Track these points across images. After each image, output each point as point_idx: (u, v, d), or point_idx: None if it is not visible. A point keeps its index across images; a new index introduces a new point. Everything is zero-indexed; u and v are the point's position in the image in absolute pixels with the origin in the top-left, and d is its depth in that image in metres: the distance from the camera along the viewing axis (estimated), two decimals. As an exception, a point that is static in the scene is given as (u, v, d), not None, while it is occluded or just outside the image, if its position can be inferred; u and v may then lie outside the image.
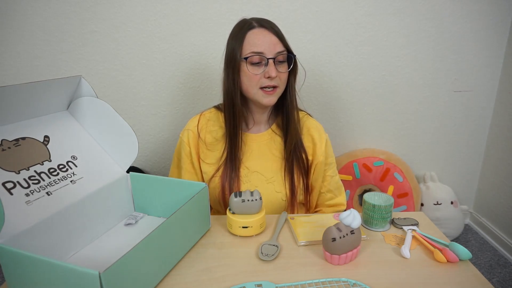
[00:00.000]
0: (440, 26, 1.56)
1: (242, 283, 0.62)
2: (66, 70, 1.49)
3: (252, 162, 0.95)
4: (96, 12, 1.43)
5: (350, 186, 1.70)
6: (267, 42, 0.85)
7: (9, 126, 0.68)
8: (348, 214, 0.66)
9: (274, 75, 0.85)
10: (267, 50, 0.85)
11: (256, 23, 0.87)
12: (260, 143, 0.96)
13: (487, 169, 1.80)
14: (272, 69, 0.85)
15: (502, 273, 1.55)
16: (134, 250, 0.54)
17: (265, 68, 0.86)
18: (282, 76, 0.89)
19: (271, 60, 0.85)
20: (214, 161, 0.96)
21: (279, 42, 0.87)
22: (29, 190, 0.64)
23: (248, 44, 0.86)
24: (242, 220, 0.76)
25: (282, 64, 0.89)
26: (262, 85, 0.87)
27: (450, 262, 0.68)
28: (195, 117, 1.00)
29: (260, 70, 0.86)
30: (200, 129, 0.98)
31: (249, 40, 0.86)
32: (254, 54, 0.85)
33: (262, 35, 0.86)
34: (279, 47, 0.87)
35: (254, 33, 0.86)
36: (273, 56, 0.85)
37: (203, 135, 0.97)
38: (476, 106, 1.72)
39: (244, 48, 0.86)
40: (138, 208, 0.87)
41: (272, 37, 0.86)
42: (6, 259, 0.55)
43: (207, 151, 0.96)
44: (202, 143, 0.97)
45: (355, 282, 0.62)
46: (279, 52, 0.86)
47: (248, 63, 0.86)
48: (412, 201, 1.66)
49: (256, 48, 0.85)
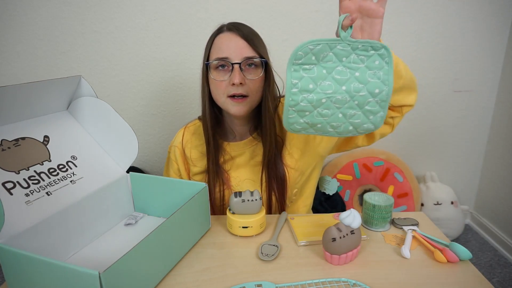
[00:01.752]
0: (440, 26, 1.56)
1: (242, 283, 0.62)
2: (66, 70, 1.49)
3: (241, 171, 0.92)
4: (96, 12, 1.43)
5: (350, 186, 1.70)
6: (232, 47, 0.80)
7: (9, 126, 0.68)
8: (348, 214, 0.66)
9: (238, 81, 0.78)
10: (232, 55, 0.79)
11: (226, 28, 0.83)
12: (244, 150, 0.92)
13: (487, 169, 1.80)
14: (236, 75, 0.78)
15: (502, 273, 1.55)
16: (134, 250, 0.54)
17: (231, 73, 0.80)
18: (253, 84, 0.81)
19: (236, 65, 0.79)
20: (201, 175, 0.94)
21: (248, 47, 0.80)
22: (29, 190, 0.64)
23: (214, 49, 0.82)
24: (242, 220, 0.76)
25: (252, 70, 0.82)
26: (229, 93, 0.81)
27: (450, 262, 0.68)
28: (180, 131, 0.97)
29: (225, 76, 0.81)
30: (185, 144, 0.95)
31: (215, 45, 0.82)
32: (217, 60, 0.80)
33: (228, 39, 0.81)
34: (247, 51, 0.80)
35: (220, 37, 0.82)
36: (239, 61, 0.79)
37: (188, 151, 0.95)
38: (476, 106, 1.72)
39: (211, 53, 0.82)
40: (138, 208, 0.87)
41: (240, 41, 0.80)
42: (6, 259, 0.55)
43: (193, 167, 0.95)
44: (188, 159, 0.95)
45: (355, 282, 0.62)
46: (247, 57, 0.80)
47: (212, 68, 0.81)
48: (412, 201, 1.66)
49: (220, 53, 0.80)
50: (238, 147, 0.92)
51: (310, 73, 0.62)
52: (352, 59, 0.62)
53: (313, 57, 0.62)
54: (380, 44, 0.62)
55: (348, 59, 0.62)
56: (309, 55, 0.61)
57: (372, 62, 0.62)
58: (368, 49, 0.62)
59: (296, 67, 0.62)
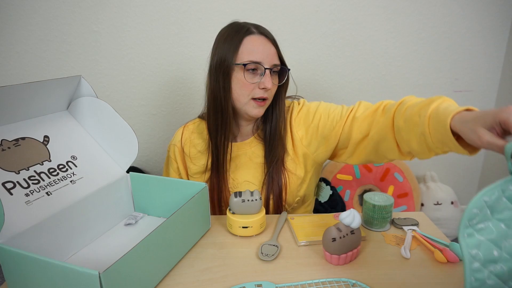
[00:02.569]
0: (440, 26, 1.56)
1: (242, 283, 0.62)
2: (66, 70, 1.49)
3: (240, 172, 0.91)
4: (96, 12, 1.43)
5: (350, 186, 1.70)
6: (266, 52, 0.81)
7: (9, 126, 0.68)
8: (348, 214, 0.66)
9: (270, 86, 0.81)
10: (265, 60, 0.81)
11: (255, 29, 0.82)
12: (245, 151, 0.92)
13: (487, 169, 1.80)
14: (269, 80, 0.81)
15: (502, 273, 1.55)
16: (134, 250, 0.54)
17: (261, 78, 0.82)
18: (274, 88, 0.86)
19: (268, 70, 0.81)
20: (200, 175, 0.94)
21: (276, 54, 0.84)
22: (29, 190, 0.64)
23: (247, 51, 0.80)
24: (242, 220, 0.76)
25: (275, 76, 0.86)
26: (254, 95, 0.82)
27: (450, 262, 0.68)
28: (180, 130, 0.98)
29: (255, 79, 0.82)
30: (184, 143, 0.95)
31: (247, 47, 0.81)
32: (251, 63, 0.80)
33: (262, 43, 0.82)
34: (276, 59, 0.84)
35: (252, 39, 0.81)
36: (270, 67, 0.82)
37: (187, 149, 0.95)
38: (476, 106, 1.70)
39: (241, 54, 0.81)
40: (138, 208, 0.87)
41: (271, 47, 0.83)
42: (6, 259, 0.55)
43: (192, 165, 0.94)
44: (187, 157, 0.95)
45: (355, 282, 0.62)
46: (275, 64, 0.83)
47: (246, 70, 0.81)
48: (412, 201, 1.66)
49: (255, 57, 0.80)
50: (240, 148, 0.92)
51: (487, 234, 0.46)
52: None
53: (488, 212, 0.47)
54: None
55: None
56: (484, 209, 0.46)
57: None
58: None
59: (470, 230, 0.47)
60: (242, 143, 0.93)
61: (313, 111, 0.88)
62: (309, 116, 0.88)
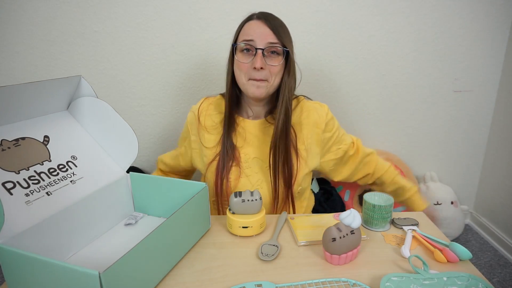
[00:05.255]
0: (440, 26, 1.56)
1: (242, 283, 0.62)
2: (66, 70, 1.49)
3: (250, 148, 0.95)
4: (96, 12, 1.43)
5: (350, 186, 1.70)
6: (258, 33, 0.86)
7: (9, 126, 0.68)
8: (348, 214, 0.66)
9: (259, 66, 0.84)
10: (257, 39, 0.85)
11: (256, 16, 0.89)
12: (256, 130, 0.96)
13: (487, 169, 1.80)
14: (258, 59, 0.85)
15: (502, 273, 1.55)
16: (134, 250, 0.54)
17: (254, 58, 0.86)
18: (273, 69, 0.87)
19: (260, 50, 0.85)
20: (214, 145, 0.96)
21: (272, 34, 0.86)
22: (29, 190, 0.64)
23: (242, 34, 0.88)
24: (242, 220, 0.76)
25: (274, 57, 0.88)
26: (250, 76, 0.87)
27: (450, 262, 0.68)
28: (201, 100, 1.03)
29: (248, 59, 0.87)
30: (201, 112, 1.00)
31: (244, 30, 0.88)
32: (243, 42, 0.86)
33: (256, 26, 0.87)
34: (271, 38, 0.86)
35: (249, 24, 0.88)
36: (263, 47, 0.85)
37: (202, 118, 0.99)
38: (476, 106, 1.72)
39: (239, 37, 0.89)
40: (138, 208, 0.87)
41: (266, 29, 0.86)
42: (6, 259, 0.55)
43: (207, 134, 0.97)
44: (201, 127, 0.98)
45: (355, 282, 0.62)
46: (270, 42, 0.85)
47: (238, 51, 0.88)
48: (412, 201, 1.66)
49: (246, 36, 0.87)
50: (252, 125, 0.96)
51: None
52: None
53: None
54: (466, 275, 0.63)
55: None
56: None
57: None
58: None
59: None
60: (255, 122, 0.97)
61: (336, 127, 1.01)
62: (331, 127, 0.99)
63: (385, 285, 0.59)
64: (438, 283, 0.60)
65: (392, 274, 0.62)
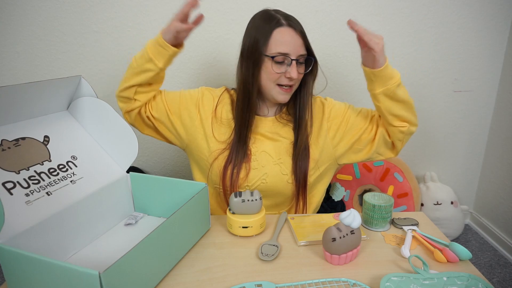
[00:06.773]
0: (440, 26, 1.56)
1: (242, 283, 0.62)
2: (66, 70, 1.49)
3: (259, 143, 0.95)
4: (96, 12, 1.43)
5: (350, 186, 1.70)
6: (293, 44, 0.86)
7: (9, 126, 0.68)
8: (348, 214, 0.66)
9: (295, 76, 0.87)
10: (292, 51, 0.86)
11: (285, 21, 0.86)
12: (267, 125, 0.96)
13: (487, 169, 1.80)
14: (294, 70, 0.86)
15: (502, 273, 1.55)
16: (134, 250, 0.54)
17: (287, 68, 0.87)
18: (300, 76, 0.91)
19: (294, 61, 0.86)
20: (224, 139, 0.95)
21: (303, 45, 0.88)
22: (29, 190, 0.64)
23: (275, 43, 0.85)
24: (242, 220, 0.76)
25: (301, 65, 0.90)
26: (280, 82, 0.89)
27: (450, 262, 0.68)
28: (221, 88, 1.01)
29: (282, 69, 0.87)
30: (220, 101, 0.98)
31: (277, 38, 0.85)
32: (279, 55, 0.85)
33: (289, 35, 0.86)
34: (302, 49, 0.88)
35: (281, 31, 0.85)
36: (296, 58, 0.86)
37: (220, 108, 0.97)
38: (476, 106, 1.72)
39: (270, 45, 0.85)
40: (138, 208, 0.87)
41: (299, 39, 0.87)
42: (6, 259, 0.55)
43: (220, 125, 0.96)
44: (215, 115, 0.96)
45: (355, 282, 0.62)
46: (301, 55, 0.87)
47: (274, 61, 0.86)
48: (412, 201, 1.66)
49: (282, 49, 0.85)
50: (264, 122, 0.97)
51: None
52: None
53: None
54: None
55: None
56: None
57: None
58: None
59: None
60: (267, 118, 0.97)
61: (345, 108, 0.99)
62: (341, 112, 0.98)
63: (385, 285, 0.59)
64: (438, 283, 0.60)
65: (392, 274, 0.62)
